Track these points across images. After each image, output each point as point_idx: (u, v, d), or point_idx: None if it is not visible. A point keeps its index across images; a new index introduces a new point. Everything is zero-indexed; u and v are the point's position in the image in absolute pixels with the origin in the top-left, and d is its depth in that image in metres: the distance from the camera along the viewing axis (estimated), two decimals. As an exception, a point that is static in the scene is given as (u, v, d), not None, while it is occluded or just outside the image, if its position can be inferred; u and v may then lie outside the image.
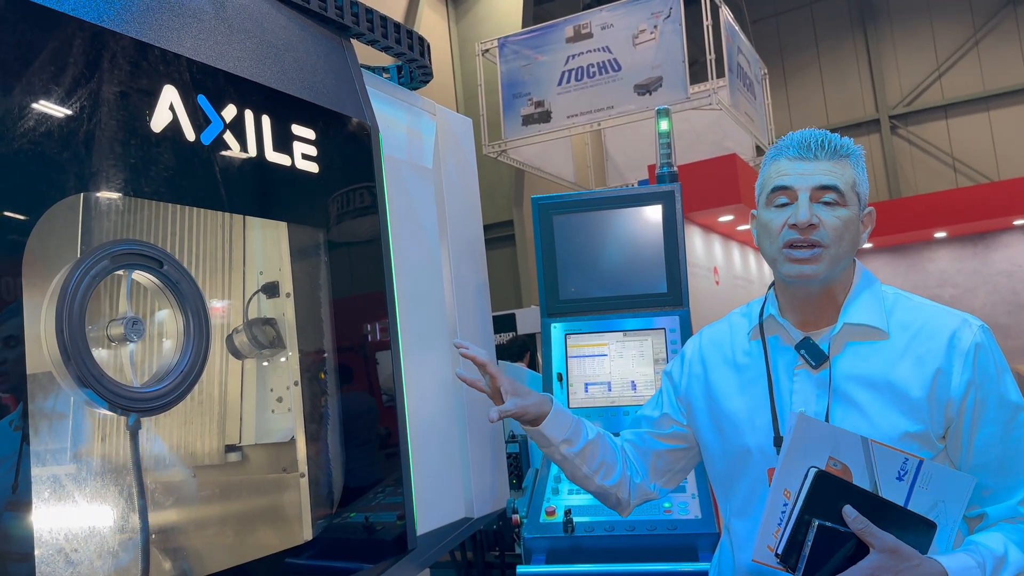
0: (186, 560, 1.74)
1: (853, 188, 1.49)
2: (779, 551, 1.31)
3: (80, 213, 1.54)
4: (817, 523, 1.29)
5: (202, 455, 1.92)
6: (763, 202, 1.53)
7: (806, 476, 1.32)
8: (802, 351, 1.50)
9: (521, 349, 6.23)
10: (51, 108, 1.33)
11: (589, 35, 8.32)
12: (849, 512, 1.30)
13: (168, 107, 1.56)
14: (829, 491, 1.31)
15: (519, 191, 12.56)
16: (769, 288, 1.64)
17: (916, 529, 1.33)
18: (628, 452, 1.76)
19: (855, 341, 1.49)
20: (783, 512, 1.33)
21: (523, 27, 11.38)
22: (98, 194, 1.52)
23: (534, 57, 8.65)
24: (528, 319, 8.12)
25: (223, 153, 1.67)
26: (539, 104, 8.55)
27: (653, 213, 2.70)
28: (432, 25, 12.42)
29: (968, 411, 1.41)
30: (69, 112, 1.36)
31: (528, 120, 8.59)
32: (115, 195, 1.51)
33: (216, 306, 1.96)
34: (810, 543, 1.29)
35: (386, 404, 2.08)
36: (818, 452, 1.33)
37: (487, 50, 9.15)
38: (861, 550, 1.30)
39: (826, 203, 1.46)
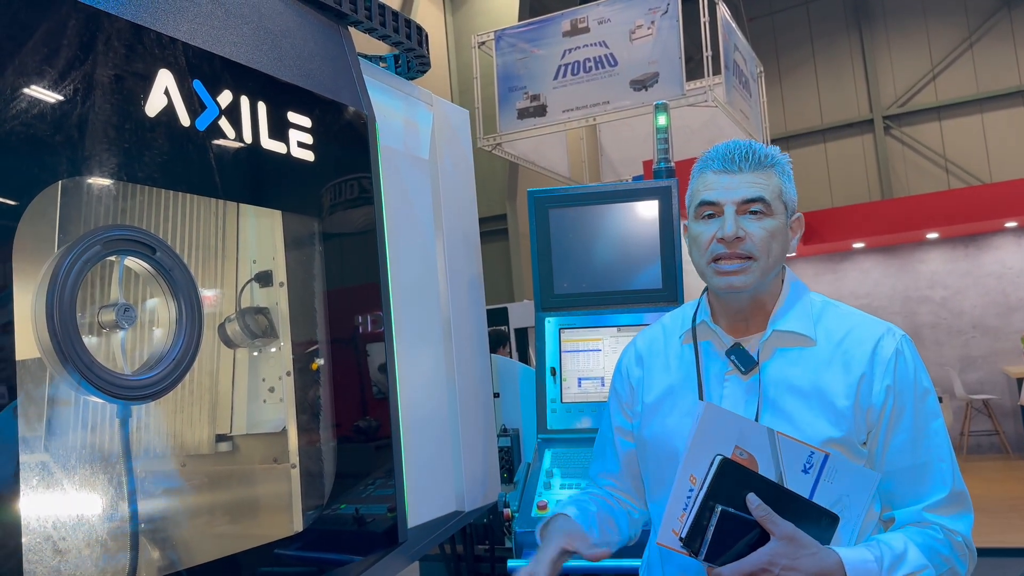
0: (175, 550, 1.72)
1: (779, 197, 1.50)
2: (683, 535, 1.34)
3: (58, 199, 1.51)
4: (720, 509, 1.32)
5: (192, 444, 1.90)
6: (691, 215, 1.55)
7: (712, 463, 1.34)
8: (732, 356, 1.52)
9: (495, 342, 6.20)
10: (45, 91, 1.31)
11: (586, 29, 8.29)
12: (752, 500, 1.33)
13: (163, 92, 1.54)
14: (733, 479, 1.34)
15: (513, 185, 12.54)
16: (702, 293, 1.65)
17: (819, 521, 1.36)
18: (617, 498, 1.73)
19: (784, 348, 1.51)
20: (688, 497, 1.35)
21: (519, 20, 11.35)
22: (91, 179, 1.49)
23: (530, 50, 8.61)
24: (520, 313, 8.10)
25: (218, 139, 1.65)
26: (535, 98, 8.51)
27: (650, 208, 2.69)
28: (428, 16, 12.38)
29: (886, 418, 1.44)
30: (63, 95, 1.34)
31: (523, 114, 8.55)
32: (108, 180, 1.49)
33: (208, 295, 1.95)
34: (712, 528, 1.32)
35: (379, 396, 2.07)
36: (725, 441, 1.36)
37: (483, 42, 9.10)
38: (764, 538, 1.33)
39: (752, 214, 1.47)
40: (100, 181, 1.53)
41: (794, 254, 1.66)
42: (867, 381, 1.45)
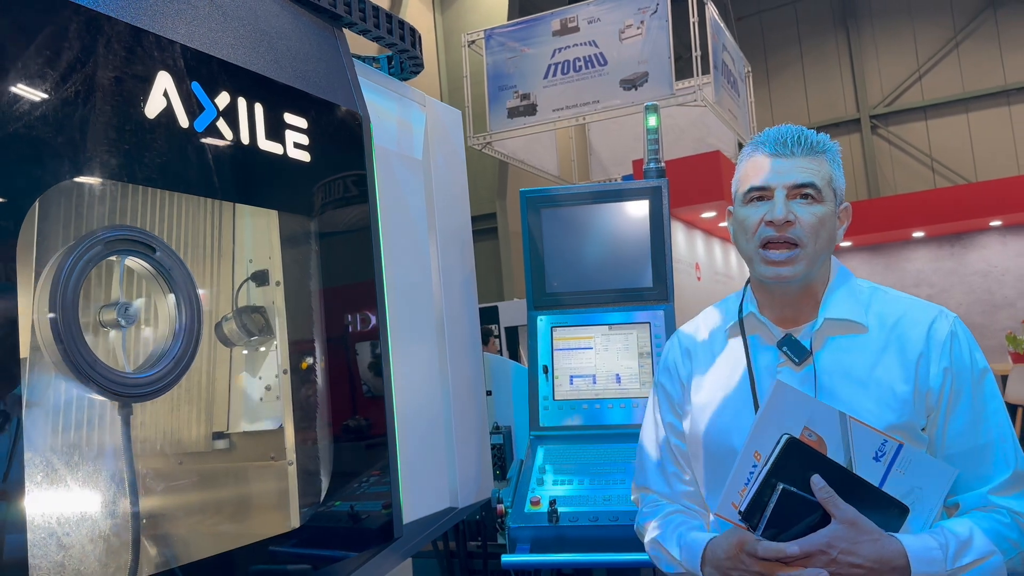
0: (173, 546, 1.74)
1: (829, 184, 1.49)
2: (742, 509, 1.34)
3: (37, 201, 1.52)
4: (781, 487, 1.32)
5: (190, 442, 1.92)
6: (740, 199, 1.54)
7: (778, 441, 1.34)
8: (784, 348, 1.51)
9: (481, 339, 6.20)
10: (47, 93, 1.33)
11: (576, 29, 8.33)
12: (816, 481, 1.32)
13: (162, 93, 1.56)
14: (799, 459, 1.33)
15: (503, 184, 12.57)
16: (745, 285, 1.64)
17: (887, 510, 1.35)
18: (701, 512, 1.66)
19: (835, 336, 1.50)
20: (751, 473, 1.35)
21: (508, 19, 11.38)
22: (94, 180, 1.51)
23: (520, 49, 8.65)
24: (510, 312, 8.12)
25: (216, 140, 1.67)
26: (525, 97, 8.55)
27: (640, 208, 2.72)
28: (417, 15, 12.39)
29: (944, 400, 1.43)
30: (66, 97, 1.36)
31: (514, 113, 8.59)
32: (111, 181, 1.51)
33: (203, 294, 1.96)
34: (773, 505, 1.32)
35: (374, 394, 2.09)
36: (794, 420, 1.36)
37: (473, 41, 9.13)
38: (825, 520, 1.32)
39: (802, 199, 1.47)
40: (103, 182, 1.55)
41: (840, 242, 1.72)
42: (924, 362, 1.43)
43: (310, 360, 1.95)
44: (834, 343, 1.50)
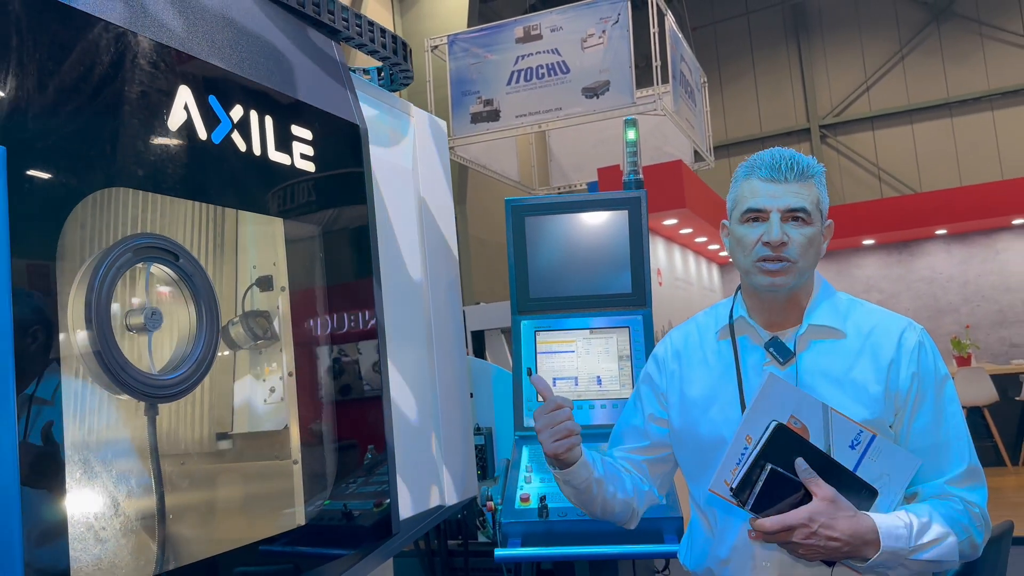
0: (183, 545, 1.79)
1: (817, 206, 1.66)
2: (734, 485, 1.50)
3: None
4: (769, 467, 1.48)
5: (196, 442, 1.98)
6: (736, 218, 1.70)
7: (767, 427, 1.50)
8: (771, 348, 1.68)
9: None
10: (83, 107, 1.39)
11: (539, 36, 8.45)
12: (800, 463, 1.49)
13: (183, 107, 1.62)
14: (785, 443, 1.50)
15: (462, 189, 12.60)
16: (736, 292, 1.80)
17: (859, 492, 1.52)
18: (628, 467, 1.86)
19: (817, 340, 1.67)
20: (743, 454, 1.51)
21: (468, 25, 11.46)
22: (123, 189, 1.57)
23: (484, 56, 8.73)
24: (477, 316, 8.17)
25: (232, 151, 1.73)
26: (488, 103, 8.63)
27: (620, 218, 2.84)
28: (376, 17, 12.37)
29: (910, 402, 1.61)
30: (99, 110, 1.41)
31: (477, 118, 8.66)
32: (137, 190, 1.57)
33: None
34: (761, 483, 1.48)
35: (372, 395, 2.17)
36: (782, 409, 1.52)
37: (436, 46, 9.20)
38: (807, 499, 1.49)
39: (794, 221, 1.63)
40: (129, 191, 1.61)
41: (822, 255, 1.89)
42: (895, 368, 1.61)
43: (283, 371, 2.01)
44: (815, 346, 1.67)
